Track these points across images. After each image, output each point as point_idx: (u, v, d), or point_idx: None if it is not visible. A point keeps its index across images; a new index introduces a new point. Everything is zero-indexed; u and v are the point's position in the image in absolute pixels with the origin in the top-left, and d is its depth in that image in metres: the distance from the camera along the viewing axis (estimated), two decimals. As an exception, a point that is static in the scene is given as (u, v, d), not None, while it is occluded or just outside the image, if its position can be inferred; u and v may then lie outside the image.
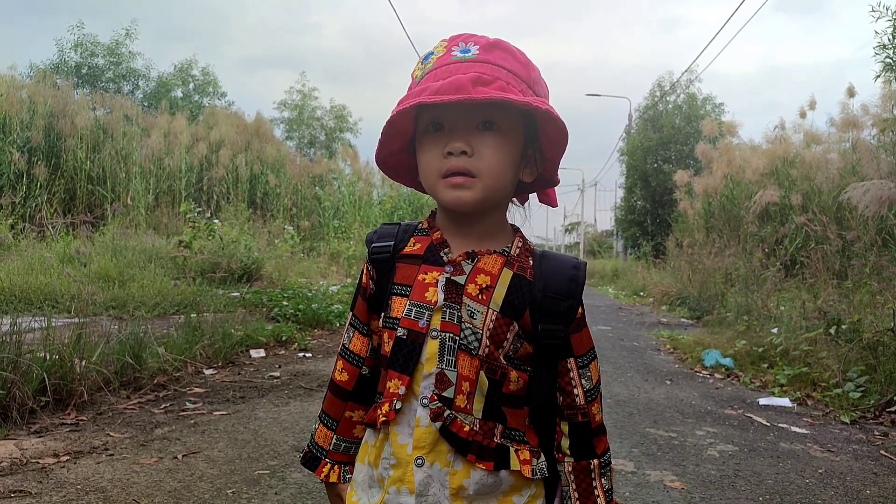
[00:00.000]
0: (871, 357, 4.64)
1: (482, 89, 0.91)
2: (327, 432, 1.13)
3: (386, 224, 1.10)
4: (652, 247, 20.07)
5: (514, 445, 0.99)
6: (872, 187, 5.98)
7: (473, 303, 0.97)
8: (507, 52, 0.99)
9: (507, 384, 0.98)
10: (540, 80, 1.02)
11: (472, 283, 0.98)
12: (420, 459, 0.97)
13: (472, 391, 0.97)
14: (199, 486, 2.64)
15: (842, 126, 10.58)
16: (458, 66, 0.96)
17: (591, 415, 1.02)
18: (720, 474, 3.07)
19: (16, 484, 2.57)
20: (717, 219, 12.72)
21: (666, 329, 8.78)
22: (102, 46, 25.53)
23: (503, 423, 0.98)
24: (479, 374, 0.97)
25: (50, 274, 6.97)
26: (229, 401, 4.07)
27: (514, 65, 0.98)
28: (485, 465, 0.96)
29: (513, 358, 0.99)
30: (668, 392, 4.97)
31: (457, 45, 0.99)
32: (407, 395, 0.99)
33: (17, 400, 3.27)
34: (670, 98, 25.69)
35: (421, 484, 0.97)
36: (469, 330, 0.97)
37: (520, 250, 1.03)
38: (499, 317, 0.97)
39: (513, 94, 0.93)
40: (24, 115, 12.37)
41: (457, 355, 0.97)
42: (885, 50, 7.35)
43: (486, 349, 0.97)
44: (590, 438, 1.02)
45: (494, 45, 0.98)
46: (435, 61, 0.99)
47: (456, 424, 0.96)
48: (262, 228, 13.34)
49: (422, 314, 0.99)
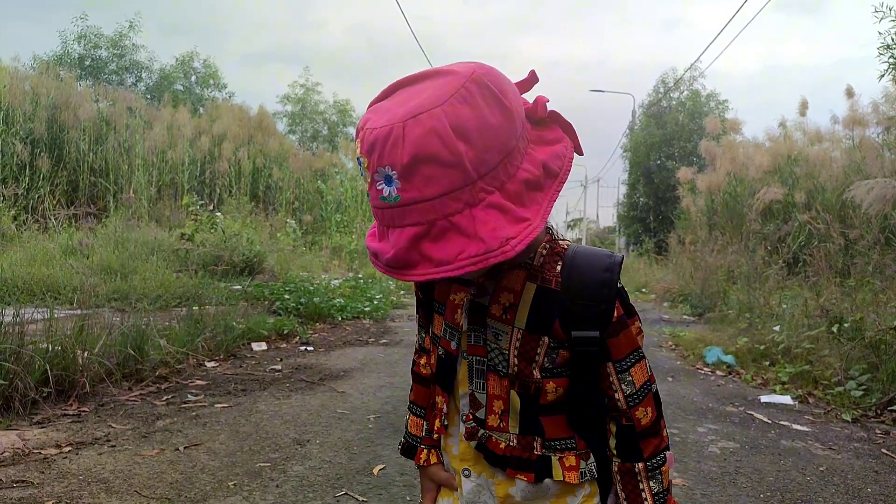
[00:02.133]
0: (874, 355, 4.63)
1: (428, 258, 0.79)
2: (418, 420, 1.16)
3: None
4: (654, 243, 20.04)
5: (557, 454, 0.98)
6: (877, 185, 5.98)
7: (498, 324, 0.96)
8: (430, 163, 0.77)
9: (543, 396, 0.96)
10: (487, 143, 0.79)
11: (496, 303, 0.96)
12: (467, 471, 1.02)
13: (504, 409, 0.97)
14: (200, 478, 2.65)
15: (846, 124, 10.55)
16: (391, 215, 0.81)
17: (636, 419, 0.97)
18: (721, 471, 3.07)
19: (18, 474, 2.58)
20: (719, 216, 12.69)
21: (668, 326, 8.77)
22: (106, 38, 25.52)
23: (542, 436, 0.98)
24: (511, 394, 0.96)
25: (52, 265, 6.98)
26: (231, 393, 4.07)
27: (443, 181, 0.78)
28: (525, 476, 0.97)
29: (551, 369, 0.96)
30: (669, 389, 4.97)
31: (377, 172, 0.80)
32: (454, 410, 1.04)
33: (20, 391, 3.28)
34: (674, 95, 25.64)
35: (471, 493, 1.02)
36: (496, 351, 0.96)
37: (544, 258, 0.96)
38: (524, 335, 0.95)
39: (456, 243, 0.78)
40: (28, 106, 12.36)
41: (486, 377, 0.97)
42: (889, 50, 7.33)
43: (515, 368, 0.95)
44: (635, 442, 0.98)
45: (413, 165, 0.77)
46: (367, 185, 0.84)
47: (491, 442, 0.98)
48: (264, 222, 13.35)
49: (453, 336, 0.99)
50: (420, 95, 0.81)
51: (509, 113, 0.82)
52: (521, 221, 0.79)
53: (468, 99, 0.79)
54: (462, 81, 0.80)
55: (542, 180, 0.83)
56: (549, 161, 0.85)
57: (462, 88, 0.79)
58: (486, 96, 0.80)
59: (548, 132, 0.89)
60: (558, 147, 0.88)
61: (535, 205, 0.82)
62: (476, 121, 0.78)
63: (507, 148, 0.81)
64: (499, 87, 0.82)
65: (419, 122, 0.77)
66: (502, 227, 0.78)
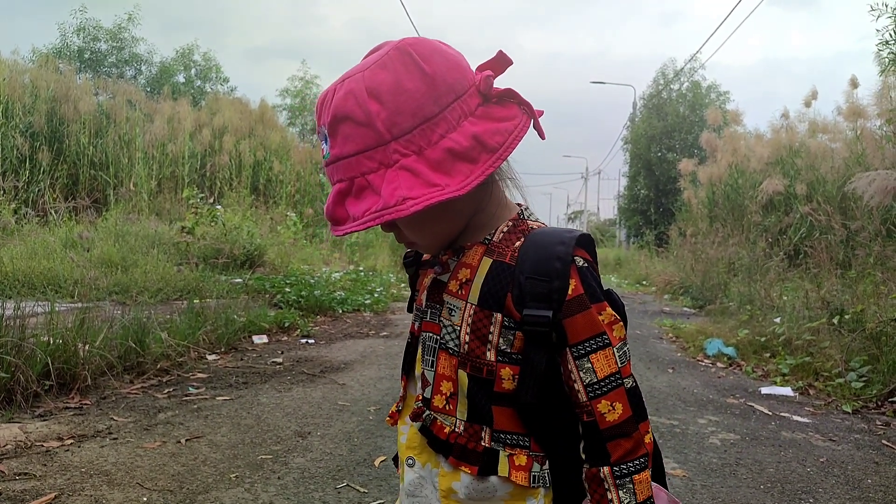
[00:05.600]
0: (874, 347, 4.64)
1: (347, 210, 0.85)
2: None
3: None
4: (655, 236, 20.03)
5: (507, 450, 0.91)
6: (878, 177, 5.96)
7: (453, 299, 0.94)
8: (346, 122, 0.84)
9: (498, 382, 0.90)
10: (399, 105, 0.82)
11: (454, 279, 0.94)
12: (410, 460, 0.97)
13: (453, 391, 0.93)
14: (202, 470, 2.65)
15: (847, 115, 10.50)
16: (329, 172, 0.89)
17: (598, 413, 0.87)
18: (722, 462, 3.08)
19: (20, 467, 2.59)
20: (720, 208, 12.67)
21: (668, 318, 8.78)
22: (105, 31, 25.44)
23: (490, 425, 0.91)
24: (459, 374, 0.92)
25: (53, 259, 6.98)
26: (232, 386, 4.08)
27: (356, 139, 0.83)
28: (468, 468, 0.91)
29: (508, 352, 0.90)
30: (670, 380, 4.98)
31: (319, 131, 0.90)
32: (411, 396, 1.02)
33: (21, 384, 3.29)
34: (674, 86, 25.56)
35: (411, 484, 0.96)
36: (449, 328, 0.93)
37: (504, 234, 0.93)
38: (477, 310, 0.91)
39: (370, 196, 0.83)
40: (27, 99, 12.33)
41: (437, 355, 0.95)
42: (887, 46, 7.34)
43: (467, 346, 0.91)
44: (600, 442, 0.87)
45: (334, 123, 0.85)
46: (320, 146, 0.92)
47: (436, 425, 0.93)
48: (264, 215, 13.34)
49: (417, 317, 1.00)
50: (358, 65, 0.88)
51: (430, 80, 0.83)
52: (431, 186, 0.81)
53: (387, 65, 0.84)
54: (387, 50, 0.85)
55: (473, 153, 0.83)
56: (484, 135, 0.84)
57: (385, 56, 0.84)
58: (405, 62, 0.83)
59: (500, 110, 0.88)
60: (505, 125, 0.86)
61: (461, 175, 0.82)
62: (390, 84, 0.82)
63: (424, 114, 0.83)
64: (422, 55, 0.84)
65: (343, 85, 0.85)
66: (407, 189, 0.81)
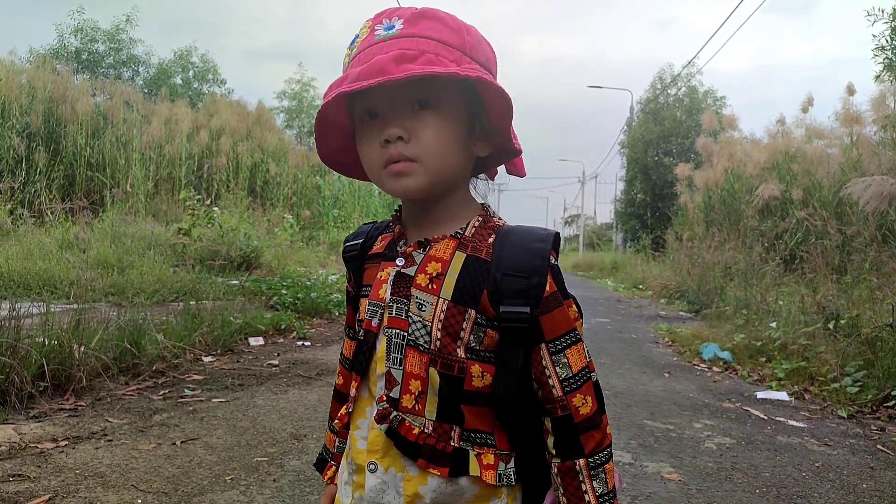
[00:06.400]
0: (870, 352, 4.65)
1: (407, 66, 0.82)
2: (331, 436, 1.13)
3: (365, 224, 1.07)
4: (651, 240, 20.05)
5: (476, 449, 0.90)
6: (873, 183, 5.98)
7: (423, 294, 0.91)
8: (436, 20, 0.88)
9: (468, 380, 0.89)
10: (480, 45, 0.91)
11: (423, 273, 0.92)
12: (373, 465, 0.92)
13: (423, 390, 0.90)
14: (197, 473, 2.65)
15: (844, 121, 10.55)
16: (381, 46, 0.86)
17: (573, 407, 0.89)
18: (717, 466, 3.08)
19: (15, 468, 2.58)
20: (717, 212, 12.70)
21: (664, 322, 8.78)
22: (103, 32, 25.40)
23: (461, 424, 0.90)
24: (430, 371, 0.89)
25: (49, 260, 6.96)
26: (228, 388, 4.07)
27: (444, 33, 0.87)
28: (438, 470, 0.88)
29: (477, 350, 0.89)
30: (665, 385, 4.98)
31: (380, 24, 0.89)
32: (367, 397, 0.96)
33: (16, 385, 3.28)
34: (671, 91, 25.62)
35: (373, 490, 0.92)
36: (418, 324, 0.90)
37: (476, 229, 0.93)
38: (450, 306, 0.89)
39: (442, 65, 0.83)
40: (24, 100, 12.30)
41: (405, 352, 0.90)
42: (883, 51, 7.38)
43: (438, 342, 0.89)
44: (574, 435, 0.89)
45: (420, 16, 0.88)
46: (359, 44, 0.90)
47: (404, 427, 0.89)
48: (261, 217, 13.33)
49: (375, 312, 0.95)
50: None
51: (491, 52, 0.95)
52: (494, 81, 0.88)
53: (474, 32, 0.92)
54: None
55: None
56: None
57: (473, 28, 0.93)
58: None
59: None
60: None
61: None
62: (477, 33, 0.92)
63: (490, 67, 0.93)
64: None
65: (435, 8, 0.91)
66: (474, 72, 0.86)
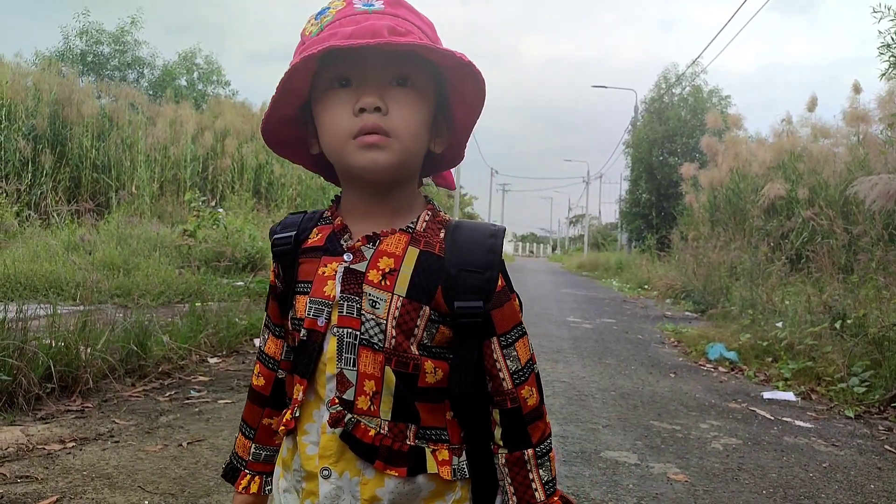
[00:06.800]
0: (877, 352, 4.63)
1: (399, 39, 0.81)
2: (246, 441, 1.06)
3: (292, 214, 1.01)
4: (656, 240, 20.00)
5: (430, 445, 0.89)
6: (880, 182, 5.95)
7: (376, 290, 0.88)
8: (413, 12, 0.90)
9: (422, 377, 0.88)
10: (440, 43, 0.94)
11: (374, 268, 0.89)
12: (326, 471, 0.88)
13: (378, 390, 0.87)
14: (203, 474, 2.65)
15: (850, 120, 10.50)
16: (366, 16, 0.85)
17: (522, 399, 0.91)
18: (724, 467, 3.07)
19: (22, 469, 2.58)
20: (722, 212, 12.67)
21: (670, 322, 8.77)
22: (108, 34, 25.48)
23: (416, 422, 0.89)
24: (385, 371, 0.87)
25: (55, 261, 6.99)
26: (233, 389, 4.08)
27: (420, 23, 0.90)
28: (396, 471, 0.87)
29: (429, 346, 0.89)
30: (672, 385, 4.97)
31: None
32: (315, 400, 0.92)
33: (23, 386, 3.28)
34: (676, 91, 25.56)
35: (327, 497, 0.88)
36: (372, 322, 0.88)
37: (427, 224, 0.92)
38: (406, 302, 0.87)
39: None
40: (30, 102, 12.37)
41: (357, 352, 0.88)
42: (889, 49, 7.33)
43: (393, 340, 0.87)
44: (522, 426, 0.91)
45: (398, 3, 0.89)
46: (335, 14, 0.88)
47: (359, 429, 0.87)
48: (266, 218, 13.35)
49: (321, 311, 0.90)
50: None
51: None
52: None
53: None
54: None
55: None
56: None
57: None
58: None
59: None
60: None
61: None
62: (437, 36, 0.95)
63: None
64: None
65: None
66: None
